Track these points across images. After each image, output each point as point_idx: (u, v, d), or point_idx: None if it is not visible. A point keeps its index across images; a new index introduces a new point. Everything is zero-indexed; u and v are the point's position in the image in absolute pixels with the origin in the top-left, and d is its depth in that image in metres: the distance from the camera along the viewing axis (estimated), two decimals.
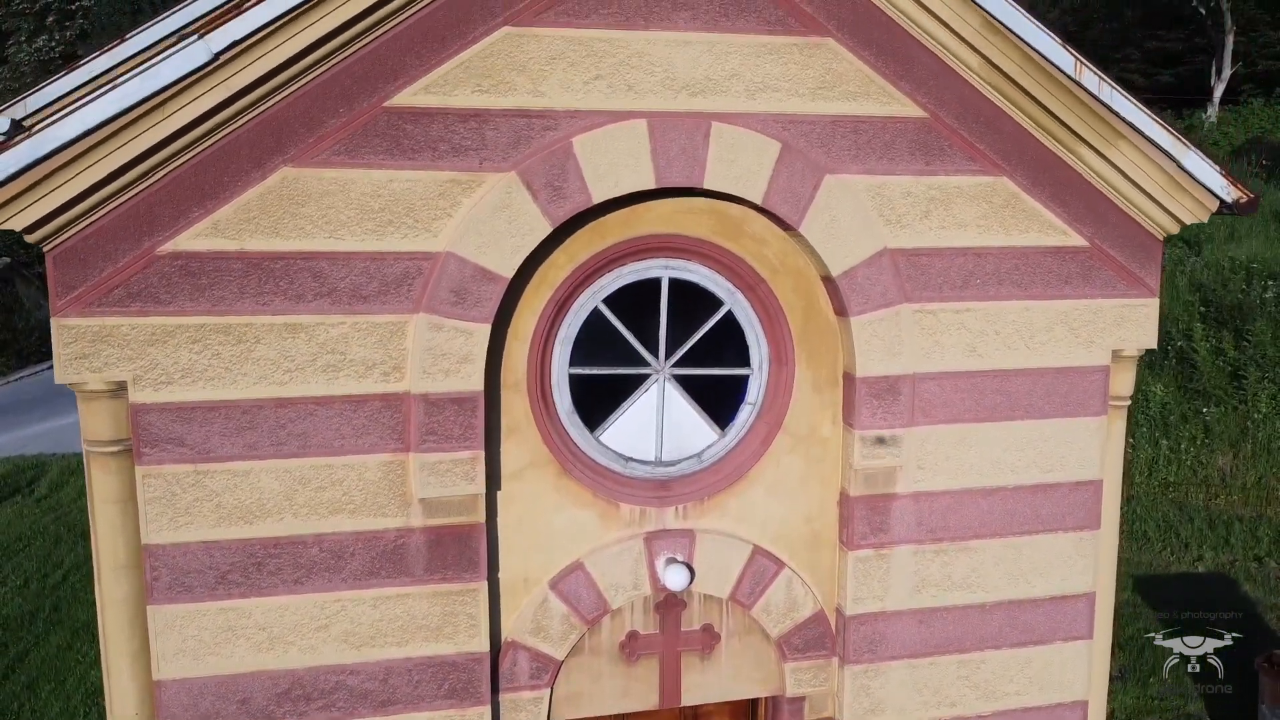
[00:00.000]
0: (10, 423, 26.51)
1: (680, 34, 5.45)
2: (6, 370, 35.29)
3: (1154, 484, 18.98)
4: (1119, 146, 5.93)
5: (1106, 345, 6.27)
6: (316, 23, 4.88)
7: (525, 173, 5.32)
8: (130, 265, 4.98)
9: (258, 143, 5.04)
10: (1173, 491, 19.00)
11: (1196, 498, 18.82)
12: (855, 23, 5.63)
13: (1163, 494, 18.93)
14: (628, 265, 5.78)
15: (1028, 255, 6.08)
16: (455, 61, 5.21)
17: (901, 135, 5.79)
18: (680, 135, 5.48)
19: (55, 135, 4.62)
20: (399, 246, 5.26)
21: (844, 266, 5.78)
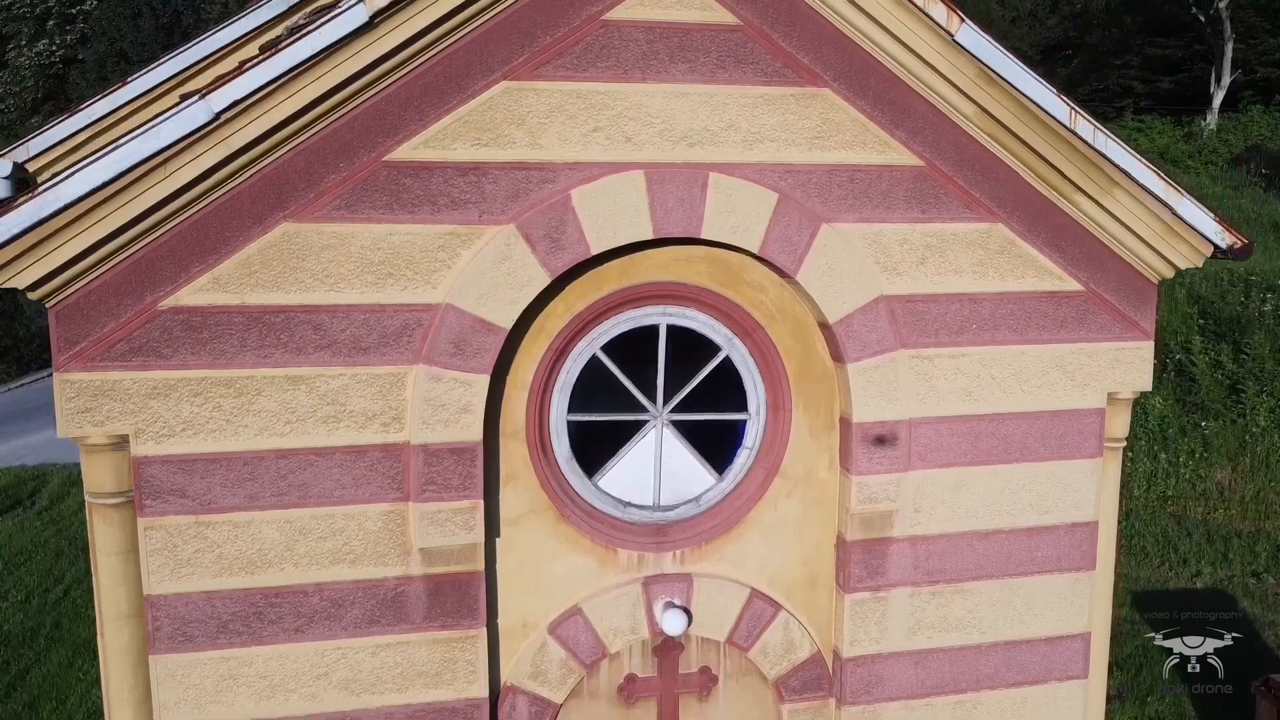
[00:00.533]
0: (10, 431, 26.55)
1: (678, 86, 5.49)
2: (7, 377, 35.34)
3: (1152, 497, 19.03)
4: (1114, 194, 5.98)
5: (1102, 388, 6.31)
6: (316, 81, 4.93)
7: (524, 225, 5.36)
8: (132, 320, 5.02)
9: (259, 198, 5.08)
10: (1171, 505, 19.05)
11: (1195, 511, 18.87)
12: (851, 73, 5.68)
13: (1161, 507, 18.97)
14: (626, 312, 5.83)
15: (1023, 300, 6.13)
16: (454, 116, 5.25)
17: (898, 183, 5.84)
18: (678, 186, 5.53)
19: (58, 196, 4.67)
20: (399, 299, 5.30)
21: (840, 314, 5.82)
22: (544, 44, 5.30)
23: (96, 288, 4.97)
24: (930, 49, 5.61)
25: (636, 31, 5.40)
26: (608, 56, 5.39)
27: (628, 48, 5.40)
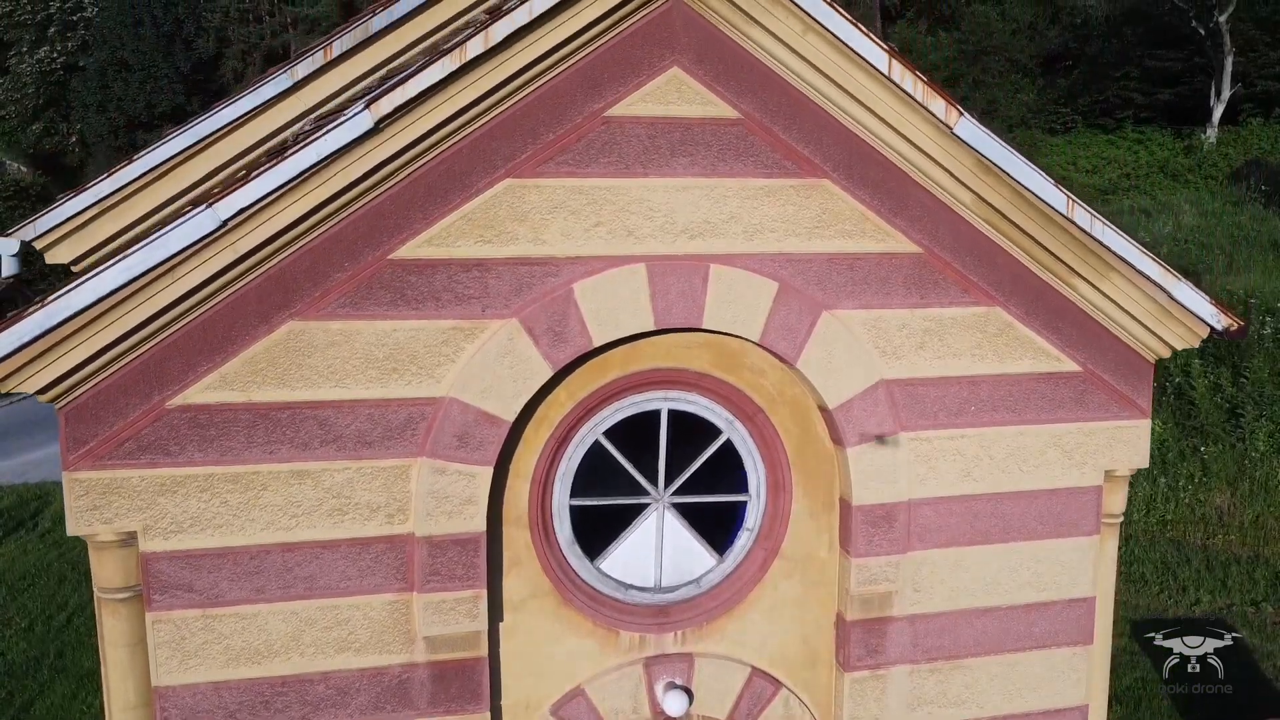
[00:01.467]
0: (11, 447, 26.60)
1: (679, 179, 5.55)
2: None
3: (1152, 522, 19.08)
4: (1110, 278, 6.04)
5: (1099, 466, 6.37)
6: (322, 185, 4.99)
7: (527, 319, 5.42)
8: (140, 419, 5.08)
9: (265, 298, 5.14)
10: (1170, 530, 19.11)
11: (1194, 536, 18.92)
12: (850, 164, 5.74)
13: (1160, 532, 19.03)
14: (628, 398, 5.89)
15: (1021, 382, 6.18)
16: (458, 214, 5.31)
17: (897, 270, 5.90)
18: (679, 278, 5.59)
19: (67, 304, 4.73)
20: (403, 393, 5.36)
21: (840, 400, 5.88)
22: (547, 141, 5.36)
23: (105, 388, 5.03)
24: (929, 141, 5.67)
25: (638, 127, 5.46)
26: (610, 152, 5.44)
27: (629, 143, 5.46)
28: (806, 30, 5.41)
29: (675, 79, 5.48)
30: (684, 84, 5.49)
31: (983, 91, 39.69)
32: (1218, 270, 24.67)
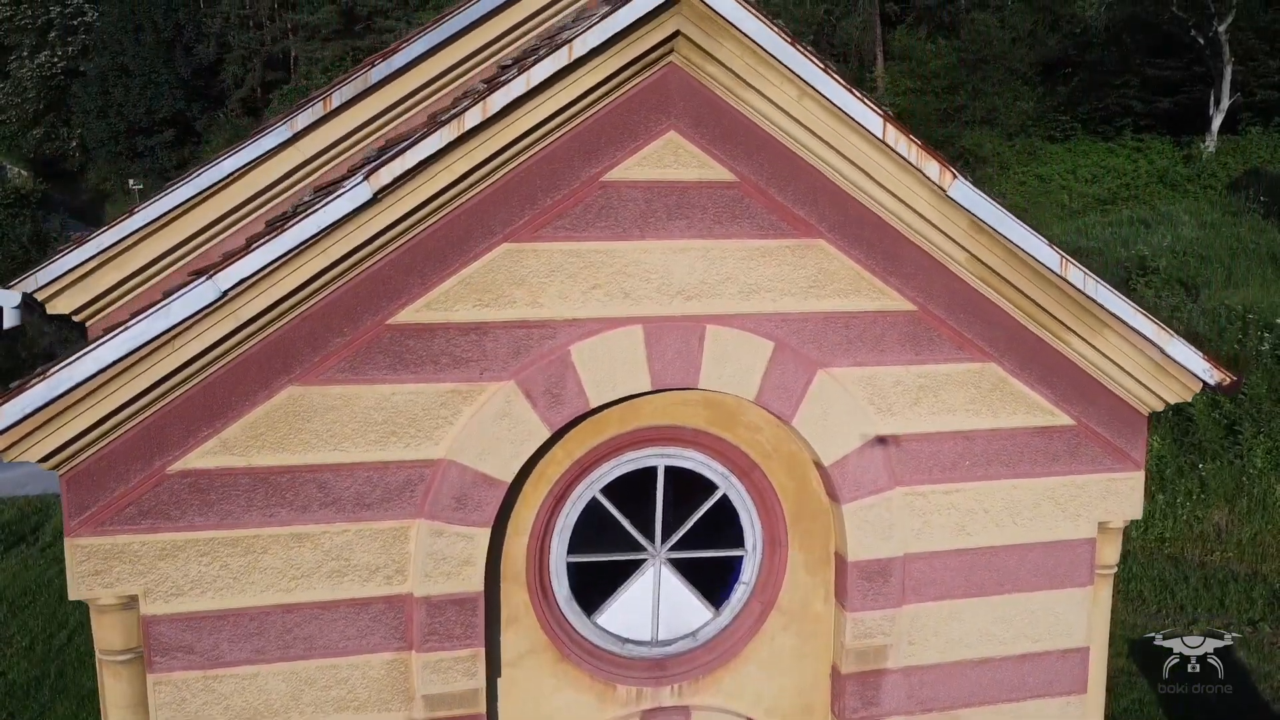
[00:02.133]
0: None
1: (676, 242, 5.60)
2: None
3: (1150, 539, 19.13)
4: (1104, 334, 6.08)
5: (1093, 518, 6.41)
6: (322, 254, 5.04)
7: (524, 382, 5.47)
8: (141, 485, 5.13)
9: (265, 363, 5.19)
10: (1168, 547, 19.15)
11: (1192, 553, 18.96)
12: (846, 224, 5.78)
13: (1159, 549, 19.08)
14: (625, 455, 5.94)
15: (1015, 436, 6.23)
16: (456, 278, 5.36)
17: (892, 328, 5.94)
18: (676, 340, 5.63)
19: (69, 375, 4.77)
20: (401, 455, 5.41)
21: (835, 457, 5.93)
22: (544, 206, 5.41)
23: (106, 455, 5.08)
24: (923, 202, 5.71)
25: (635, 191, 5.51)
26: (607, 216, 5.49)
27: (626, 207, 5.51)
28: (802, 96, 5.45)
29: (672, 143, 5.53)
30: (681, 148, 5.54)
31: (982, 100, 39.76)
32: (1216, 284, 24.71)
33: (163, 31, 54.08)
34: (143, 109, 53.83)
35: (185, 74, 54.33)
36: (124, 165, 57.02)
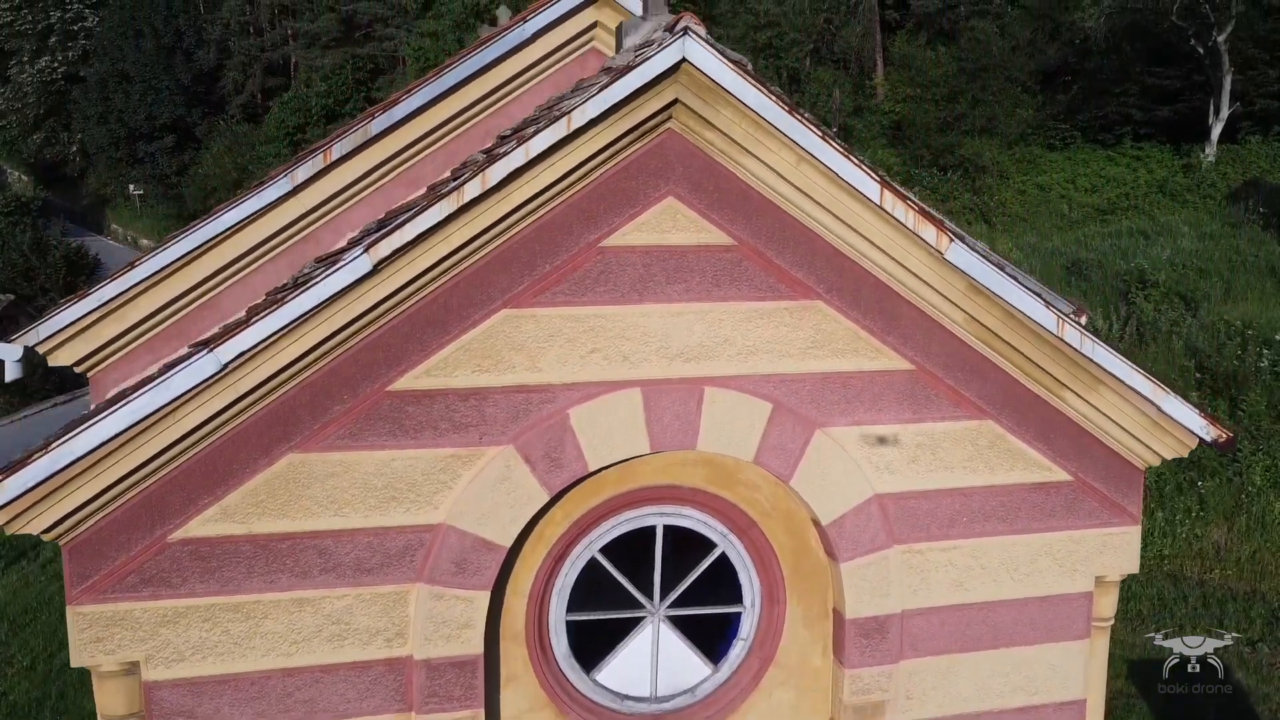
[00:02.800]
0: None
1: (674, 305, 5.63)
2: (11, 409, 35.42)
3: (1149, 556, 19.15)
4: (1100, 391, 6.11)
5: (1090, 572, 6.44)
6: (322, 325, 5.07)
7: (523, 446, 5.50)
8: (142, 553, 5.16)
9: (265, 432, 5.22)
10: (1168, 564, 19.18)
11: (1191, 571, 18.99)
12: (844, 286, 5.81)
13: (1158, 566, 19.11)
14: (623, 515, 5.96)
15: (1013, 492, 6.26)
16: (456, 345, 5.39)
17: (890, 387, 5.97)
18: (674, 402, 5.66)
19: (70, 450, 4.80)
20: (401, 520, 5.44)
21: (833, 516, 5.96)
22: (543, 273, 5.44)
23: (107, 524, 5.10)
24: (921, 265, 5.74)
25: (633, 256, 5.54)
26: (605, 281, 5.52)
27: (625, 272, 5.54)
28: (800, 162, 5.48)
29: (670, 208, 5.56)
30: (679, 213, 5.57)
31: (982, 108, 39.81)
32: (1215, 298, 24.75)
33: (163, 37, 54.15)
34: (143, 115, 53.91)
35: (185, 80, 54.40)
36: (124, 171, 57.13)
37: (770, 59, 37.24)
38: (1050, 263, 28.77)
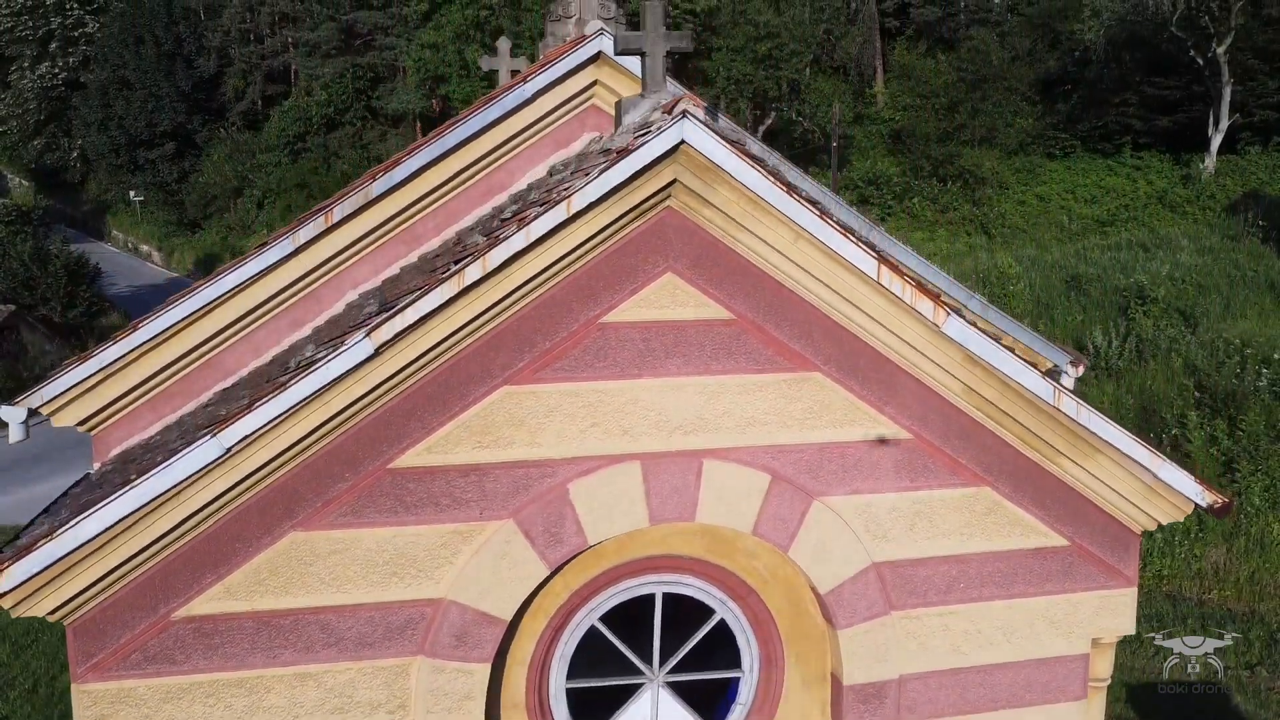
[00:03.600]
0: (15, 480, 26.67)
1: (673, 379, 5.67)
2: None
3: (1148, 576, 19.19)
4: (1096, 459, 6.15)
5: (1086, 634, 6.48)
6: (324, 407, 5.11)
7: (523, 522, 5.54)
8: (146, 632, 5.21)
9: (268, 510, 5.27)
10: (1166, 584, 19.23)
11: (1190, 591, 19.03)
12: (841, 357, 5.85)
13: (1156, 586, 19.15)
14: (623, 584, 6.01)
15: (1009, 558, 6.30)
16: (456, 422, 5.44)
17: (887, 456, 6.01)
18: (673, 476, 5.71)
19: (75, 536, 4.85)
20: (402, 595, 5.49)
21: (831, 585, 6.00)
22: (543, 349, 5.49)
23: (111, 604, 5.15)
24: (918, 337, 5.78)
25: (633, 332, 5.59)
26: (605, 357, 5.57)
27: (624, 347, 5.58)
28: (797, 238, 5.53)
29: (670, 284, 5.60)
30: (678, 288, 5.62)
31: (982, 119, 39.84)
32: (1214, 314, 24.80)
33: (163, 44, 54.14)
34: (143, 122, 53.92)
35: (186, 87, 54.40)
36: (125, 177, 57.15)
37: (770, 70, 37.24)
38: (1050, 276, 28.83)
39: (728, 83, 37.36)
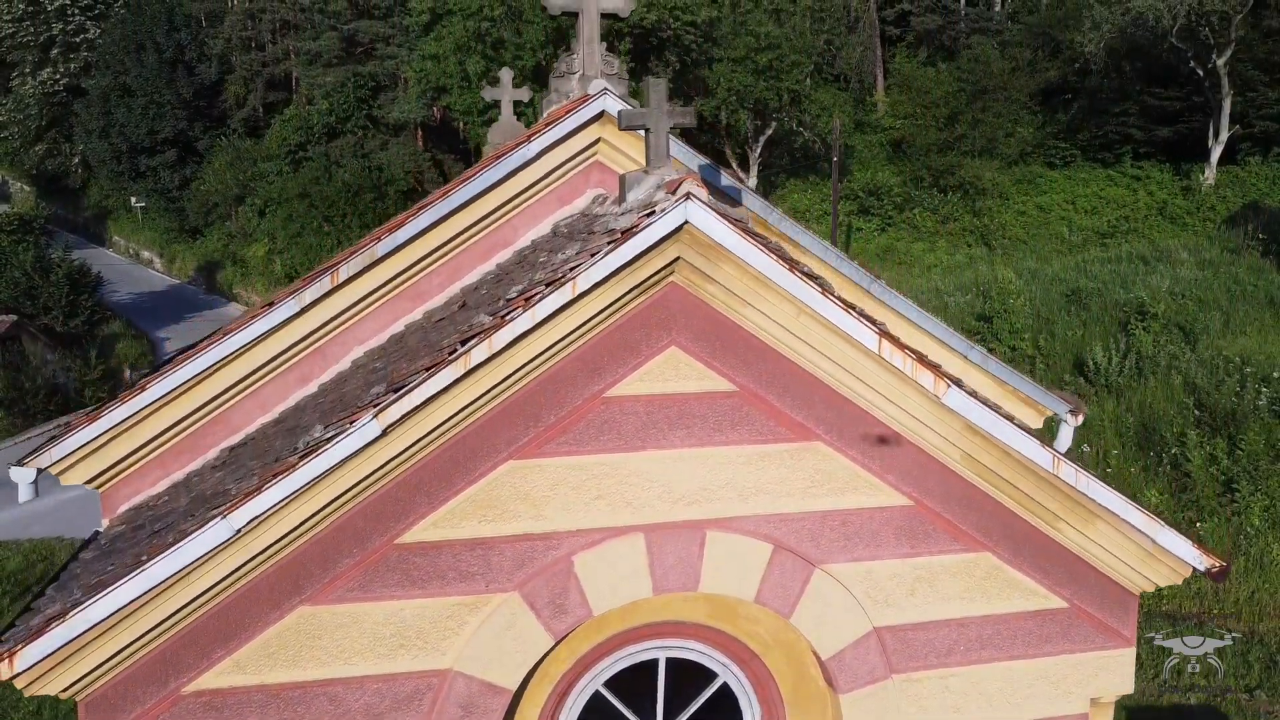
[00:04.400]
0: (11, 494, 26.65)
1: (677, 450, 5.73)
2: (14, 431, 35.52)
3: (1147, 597, 19.25)
4: (1095, 525, 6.21)
5: (1085, 694, 6.54)
6: (331, 486, 5.18)
7: (528, 594, 5.61)
8: (157, 706, 5.27)
9: (276, 586, 5.33)
10: (1165, 604, 19.29)
11: (1189, 612, 19.11)
12: (843, 426, 5.92)
13: (1156, 607, 19.22)
14: (626, 649, 6.07)
15: (1009, 620, 6.36)
16: (462, 497, 5.50)
17: (888, 523, 6.08)
18: (677, 546, 5.77)
19: (87, 618, 4.92)
20: (409, 667, 5.55)
21: (833, 650, 6.06)
22: (548, 424, 5.55)
23: (122, 679, 5.22)
24: (919, 407, 5.85)
25: (637, 405, 5.65)
26: (609, 431, 5.63)
27: (628, 421, 5.65)
28: (799, 314, 5.59)
29: (673, 358, 5.67)
30: (681, 362, 5.68)
31: (982, 129, 39.90)
32: (1214, 330, 24.85)
33: (164, 52, 54.18)
34: (145, 129, 53.97)
35: (187, 94, 54.45)
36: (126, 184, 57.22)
37: (771, 81, 37.30)
38: (1050, 290, 28.89)
39: (728, 93, 37.42)
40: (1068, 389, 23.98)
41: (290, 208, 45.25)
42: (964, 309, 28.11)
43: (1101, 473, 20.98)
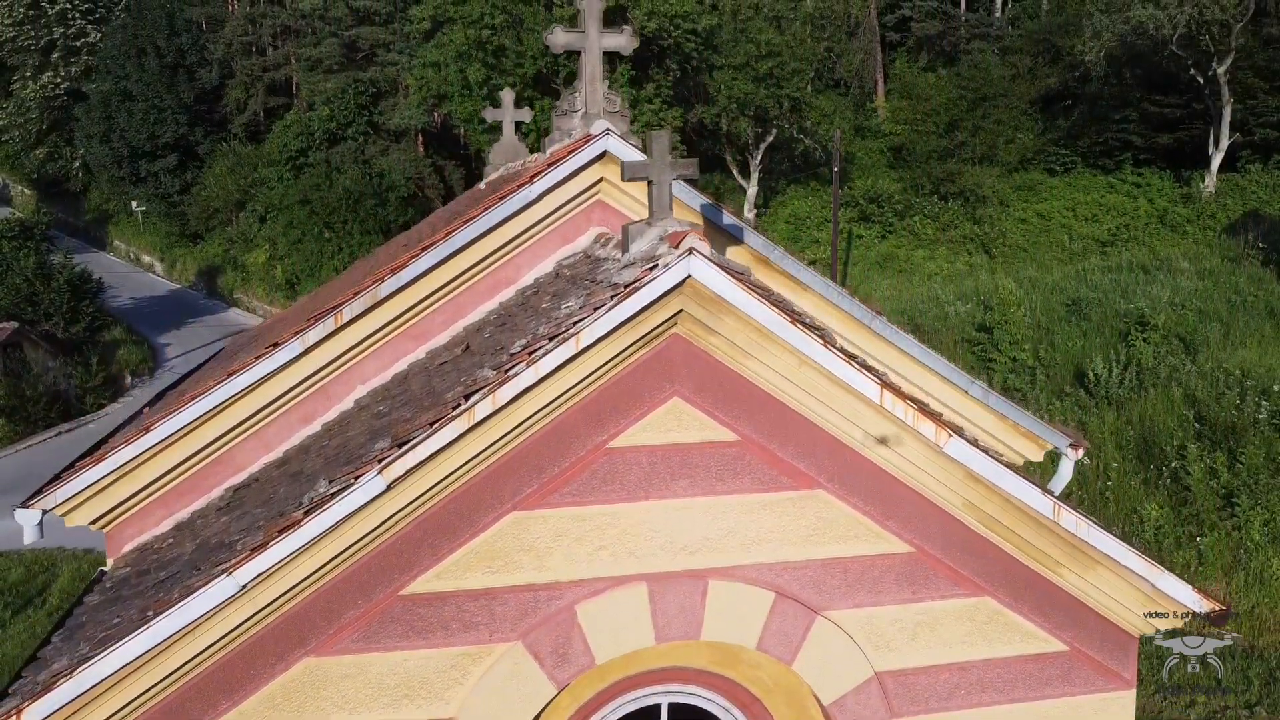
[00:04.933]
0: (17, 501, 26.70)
1: (679, 500, 5.76)
2: (15, 438, 35.55)
3: None
4: (1096, 570, 6.24)
5: None
6: (336, 540, 5.20)
7: (532, 643, 5.64)
8: None
9: (281, 639, 5.36)
10: None
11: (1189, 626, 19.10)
12: (844, 474, 5.95)
13: None
14: (629, 695, 6.11)
15: (1010, 664, 6.39)
16: (466, 549, 5.53)
17: (890, 570, 6.10)
18: (679, 595, 5.80)
19: (94, 674, 4.94)
20: (413, 716, 5.58)
21: (834, 695, 6.09)
22: (551, 475, 5.58)
23: None
24: (920, 456, 5.87)
25: (639, 455, 5.68)
26: (612, 481, 5.66)
27: (631, 471, 5.68)
28: (801, 365, 5.62)
29: (675, 408, 5.69)
30: (684, 412, 5.71)
31: (982, 136, 39.91)
32: (1215, 341, 24.84)
33: (165, 56, 54.13)
34: (145, 134, 53.92)
35: (188, 99, 54.40)
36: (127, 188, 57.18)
37: (772, 88, 37.31)
38: (1050, 300, 28.89)
39: (729, 100, 37.43)
40: (1069, 400, 24.03)
41: (291, 214, 45.23)
42: (964, 318, 28.11)
43: (1102, 486, 21.00)
